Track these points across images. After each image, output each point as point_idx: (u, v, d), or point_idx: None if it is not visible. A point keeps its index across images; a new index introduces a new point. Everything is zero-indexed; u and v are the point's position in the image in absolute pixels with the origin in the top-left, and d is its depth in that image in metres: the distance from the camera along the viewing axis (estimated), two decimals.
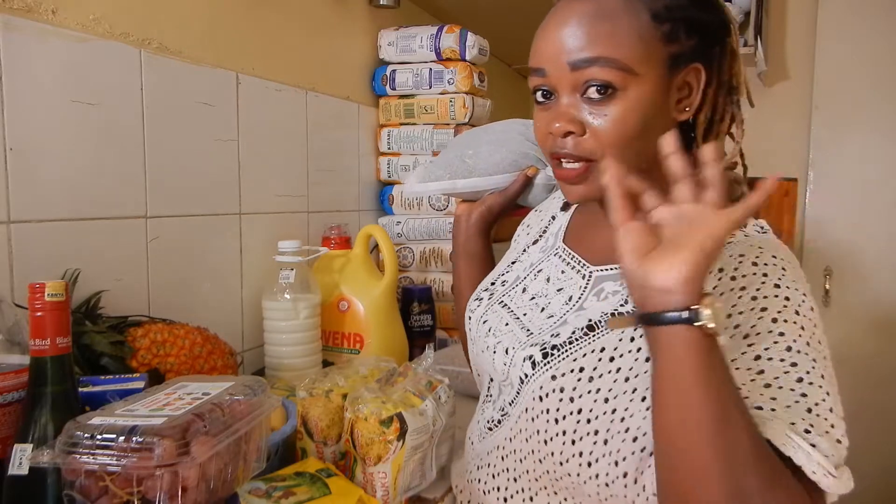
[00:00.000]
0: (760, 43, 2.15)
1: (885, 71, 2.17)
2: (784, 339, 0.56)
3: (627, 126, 0.62)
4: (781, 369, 0.55)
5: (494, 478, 0.75)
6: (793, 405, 0.53)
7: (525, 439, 0.69)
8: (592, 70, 0.61)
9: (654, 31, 0.61)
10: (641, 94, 0.61)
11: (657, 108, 0.63)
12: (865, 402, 2.22)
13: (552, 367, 0.65)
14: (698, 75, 0.64)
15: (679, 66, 0.63)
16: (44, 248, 0.85)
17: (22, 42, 0.82)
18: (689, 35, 0.63)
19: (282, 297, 1.08)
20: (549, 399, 0.64)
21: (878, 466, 2.22)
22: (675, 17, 0.62)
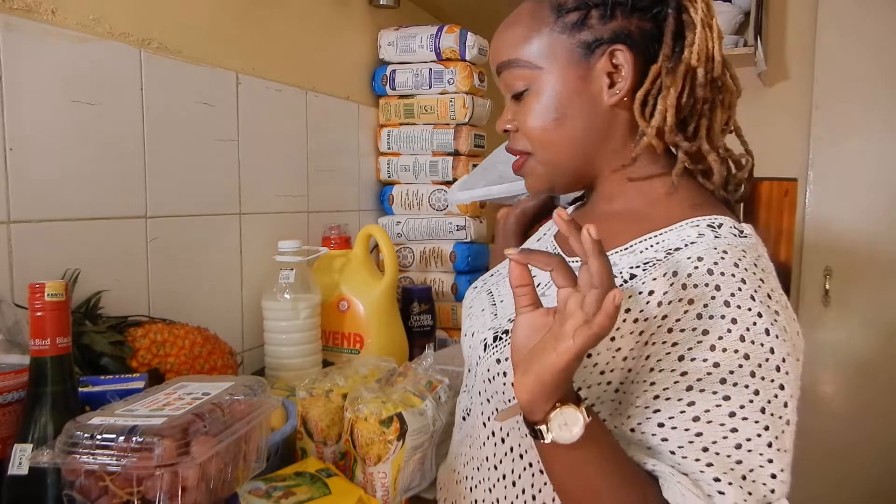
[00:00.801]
0: (760, 43, 2.15)
1: (885, 71, 2.17)
2: (718, 371, 0.53)
3: (541, 117, 0.65)
4: (713, 402, 0.53)
5: (465, 466, 0.74)
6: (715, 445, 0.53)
7: (483, 423, 0.70)
8: (504, 73, 0.68)
9: (556, 25, 0.64)
10: (550, 86, 0.64)
11: (575, 96, 0.64)
12: (865, 403, 2.23)
13: (498, 351, 0.65)
14: (625, 55, 0.63)
15: (593, 50, 0.63)
16: (44, 248, 0.85)
17: (22, 42, 0.82)
18: (606, 19, 0.63)
19: (282, 297, 1.08)
20: (495, 382, 0.65)
21: (879, 466, 2.22)
22: (583, 5, 0.63)
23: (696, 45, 0.63)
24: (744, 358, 0.53)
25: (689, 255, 0.58)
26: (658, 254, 0.60)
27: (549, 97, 0.65)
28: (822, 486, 2.29)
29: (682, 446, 0.54)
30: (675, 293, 0.56)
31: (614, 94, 0.64)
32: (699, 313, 0.55)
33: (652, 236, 0.63)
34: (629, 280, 0.59)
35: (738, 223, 0.63)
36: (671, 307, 0.56)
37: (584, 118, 0.65)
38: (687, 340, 0.55)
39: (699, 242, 0.59)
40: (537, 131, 0.66)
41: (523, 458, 0.66)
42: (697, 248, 0.58)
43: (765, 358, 0.54)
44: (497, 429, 0.67)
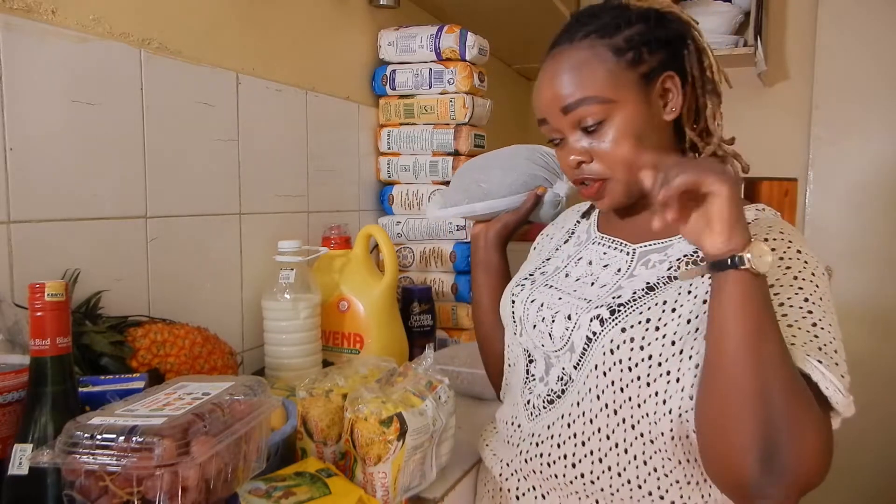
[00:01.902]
0: (760, 43, 2.15)
1: (885, 71, 2.18)
2: (802, 292, 0.67)
3: (623, 144, 0.76)
4: (800, 315, 0.66)
5: (560, 447, 0.79)
6: (808, 343, 0.63)
7: (597, 396, 0.76)
8: (580, 110, 0.77)
9: (619, 63, 0.76)
10: (626, 115, 0.76)
11: (645, 119, 0.77)
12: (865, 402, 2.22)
13: (621, 321, 0.74)
14: (674, 80, 0.78)
15: (652, 79, 0.77)
16: (44, 248, 0.85)
17: (22, 42, 0.82)
18: (652, 52, 0.77)
19: (282, 297, 1.08)
20: (620, 350, 0.73)
21: (878, 465, 2.22)
22: (635, 45, 0.76)
23: (712, 65, 0.80)
24: (816, 287, 0.69)
25: (762, 225, 0.75)
26: None
27: (628, 124, 0.76)
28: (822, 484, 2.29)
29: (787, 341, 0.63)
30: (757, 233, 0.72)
31: (671, 112, 0.79)
32: (780, 256, 0.71)
33: None
34: None
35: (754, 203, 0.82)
36: None
37: (654, 137, 0.78)
38: (775, 274, 0.69)
39: (761, 218, 0.78)
40: (620, 155, 0.77)
41: (634, 429, 0.73)
42: (763, 220, 0.77)
43: (825, 291, 0.69)
44: (611, 401, 0.74)
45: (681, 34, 0.80)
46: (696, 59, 0.80)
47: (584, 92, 0.76)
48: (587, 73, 0.76)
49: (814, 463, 0.58)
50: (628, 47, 0.76)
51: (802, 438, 0.58)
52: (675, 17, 0.81)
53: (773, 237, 0.73)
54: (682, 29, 0.80)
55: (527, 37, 2.08)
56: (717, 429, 0.62)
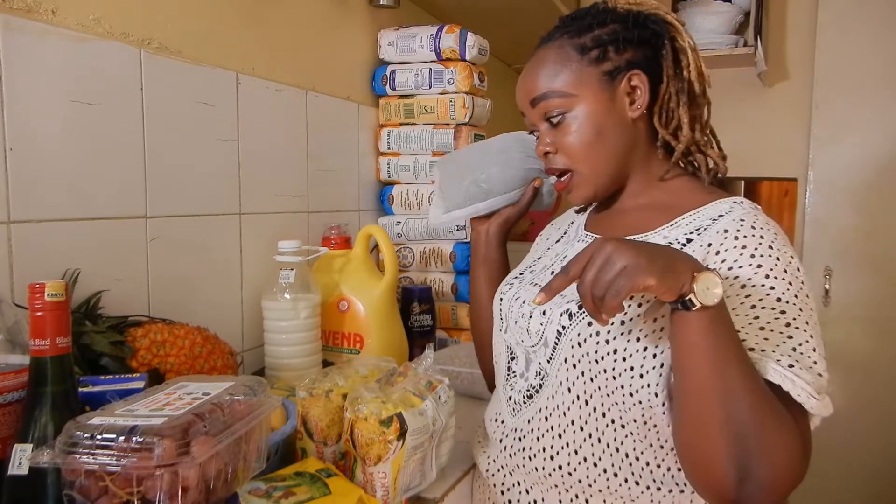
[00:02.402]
0: (760, 43, 2.15)
1: (885, 71, 2.18)
2: (774, 292, 0.68)
3: (583, 136, 0.80)
4: (772, 316, 0.66)
5: (539, 440, 0.81)
6: (781, 345, 0.64)
7: (568, 388, 0.78)
8: (541, 104, 0.82)
9: (582, 60, 0.80)
10: (586, 109, 0.80)
11: (605, 115, 0.80)
12: (865, 402, 2.23)
13: (587, 316, 0.75)
14: (640, 78, 0.80)
15: (616, 77, 0.80)
16: (44, 248, 0.85)
17: (22, 42, 0.82)
18: (620, 51, 0.80)
19: (282, 297, 1.08)
20: (587, 343, 0.75)
21: (878, 465, 2.22)
22: (601, 43, 0.80)
23: (692, 66, 0.81)
24: (789, 284, 0.69)
25: (734, 218, 0.75)
26: (703, 223, 0.77)
27: (587, 118, 0.80)
28: (821, 484, 2.29)
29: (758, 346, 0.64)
30: (730, 243, 0.72)
31: (636, 109, 0.80)
32: (752, 253, 0.71)
33: (689, 215, 0.79)
34: (686, 244, 0.76)
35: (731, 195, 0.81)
36: (728, 253, 0.72)
37: (617, 132, 0.81)
38: (746, 273, 0.69)
39: (735, 210, 0.77)
40: (579, 147, 0.81)
41: (605, 416, 0.76)
42: (736, 213, 0.76)
43: (800, 287, 0.69)
44: (582, 392, 0.77)
45: (658, 35, 0.81)
46: (673, 59, 0.81)
47: (547, 86, 0.81)
48: (551, 69, 0.81)
49: (788, 471, 0.60)
50: (593, 45, 0.80)
51: (774, 453, 0.59)
52: (657, 19, 0.82)
53: (744, 234, 0.73)
54: (661, 30, 0.81)
55: (527, 37, 2.07)
56: (692, 453, 0.64)
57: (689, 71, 0.81)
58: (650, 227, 0.81)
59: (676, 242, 0.76)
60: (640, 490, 0.76)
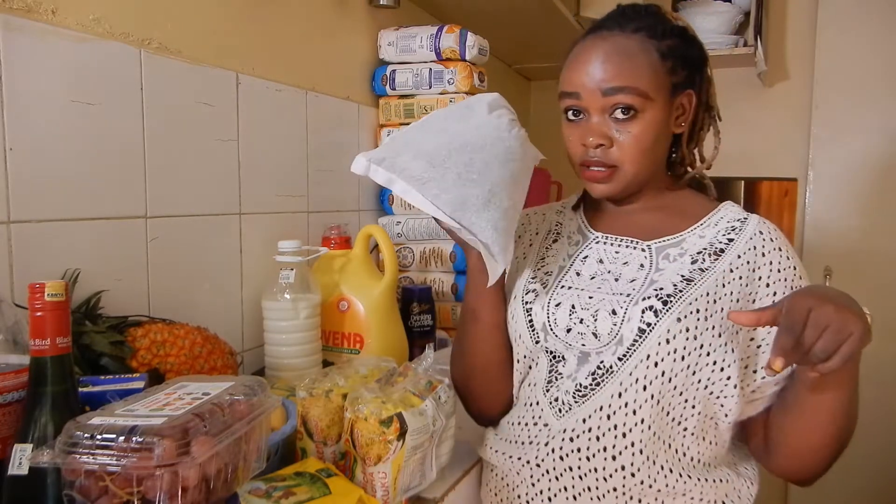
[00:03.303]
0: (760, 43, 2.15)
1: (885, 71, 2.18)
2: None
3: (645, 140, 0.82)
4: None
5: (599, 439, 0.80)
6: None
7: (643, 386, 0.79)
8: (619, 96, 0.80)
9: (662, 66, 0.82)
10: (655, 115, 0.82)
11: (663, 124, 0.83)
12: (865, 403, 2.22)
13: (675, 311, 0.79)
14: (690, 98, 0.86)
15: (677, 92, 0.84)
16: (44, 248, 0.85)
17: (22, 42, 0.82)
18: (682, 68, 0.84)
19: (282, 297, 1.08)
20: (676, 340, 0.78)
21: (878, 465, 2.22)
22: (675, 55, 0.82)
23: (713, 95, 0.90)
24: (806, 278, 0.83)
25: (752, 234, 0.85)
26: (732, 223, 0.87)
27: (654, 123, 0.82)
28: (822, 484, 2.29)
29: None
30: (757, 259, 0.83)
31: (680, 126, 0.86)
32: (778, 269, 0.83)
33: (708, 218, 0.88)
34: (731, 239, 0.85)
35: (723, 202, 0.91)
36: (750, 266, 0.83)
37: (664, 143, 0.86)
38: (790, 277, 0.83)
39: (751, 218, 0.87)
40: (637, 149, 0.82)
41: (669, 415, 0.80)
42: (755, 220, 0.87)
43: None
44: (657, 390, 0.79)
45: (701, 59, 0.87)
46: (707, 86, 0.89)
47: (629, 80, 0.80)
48: (637, 64, 0.80)
49: None
50: (670, 55, 0.82)
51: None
52: (699, 44, 0.88)
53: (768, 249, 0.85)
54: (703, 55, 0.88)
55: (527, 37, 2.08)
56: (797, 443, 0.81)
57: (714, 98, 0.90)
58: (678, 229, 0.87)
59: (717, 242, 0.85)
60: (693, 482, 0.81)
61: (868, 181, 2.22)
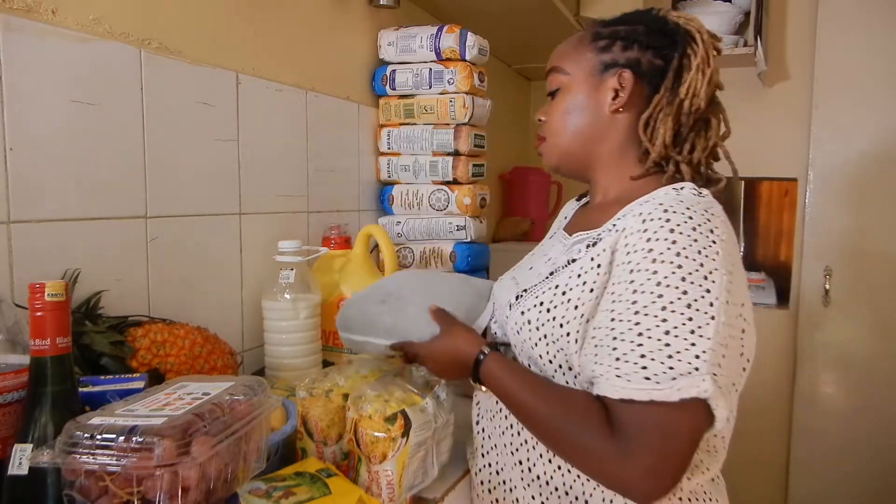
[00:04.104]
0: (760, 43, 2.15)
1: (885, 71, 2.17)
2: (656, 277, 0.68)
3: (562, 113, 0.87)
4: (650, 300, 0.68)
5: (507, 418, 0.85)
6: (648, 331, 0.67)
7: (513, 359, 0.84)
8: (549, 76, 0.90)
9: (589, 45, 0.85)
10: (572, 90, 0.86)
11: (584, 101, 0.85)
12: (865, 403, 2.23)
13: (521, 305, 0.83)
14: (626, 78, 0.82)
15: (608, 70, 0.83)
16: (44, 248, 0.85)
17: (22, 42, 0.82)
18: (626, 49, 0.83)
19: (282, 297, 1.08)
20: (522, 331, 0.82)
21: (879, 465, 2.22)
22: (614, 37, 0.84)
23: (687, 84, 0.81)
24: (677, 267, 0.68)
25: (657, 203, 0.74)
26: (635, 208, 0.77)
27: (569, 98, 0.86)
28: (822, 484, 2.29)
29: (623, 335, 0.68)
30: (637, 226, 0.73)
31: (612, 105, 0.84)
32: (648, 237, 0.71)
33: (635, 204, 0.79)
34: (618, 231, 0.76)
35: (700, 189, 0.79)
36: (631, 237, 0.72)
37: (587, 116, 0.86)
38: (637, 260, 0.70)
39: (667, 195, 0.77)
40: (555, 120, 0.88)
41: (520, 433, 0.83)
42: (663, 198, 0.75)
43: (695, 268, 0.68)
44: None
45: (675, 46, 0.82)
46: (675, 74, 0.81)
47: (554, 62, 0.89)
48: (565, 48, 0.89)
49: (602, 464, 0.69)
50: (606, 36, 0.85)
51: (582, 451, 0.71)
52: (682, 32, 0.83)
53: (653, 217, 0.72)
54: (679, 44, 0.82)
55: (527, 37, 2.08)
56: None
57: (687, 88, 0.80)
58: (602, 224, 0.81)
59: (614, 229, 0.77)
60: None
61: (868, 181, 2.22)
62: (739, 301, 0.73)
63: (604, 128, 0.85)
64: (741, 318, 0.73)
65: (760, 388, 2.38)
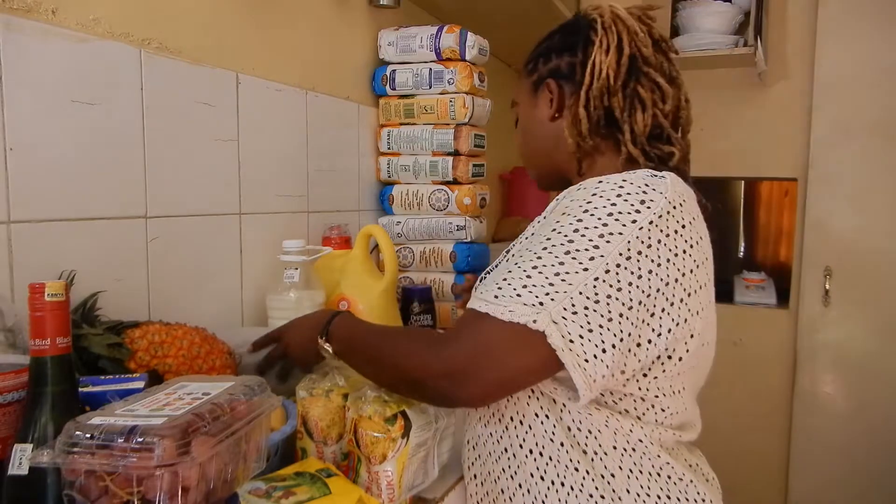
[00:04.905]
0: (760, 43, 2.15)
1: (885, 71, 2.17)
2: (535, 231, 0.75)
3: (522, 136, 0.96)
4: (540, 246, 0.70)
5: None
6: (493, 274, 0.73)
7: None
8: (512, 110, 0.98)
9: (523, 74, 0.94)
10: (522, 115, 0.95)
11: (531, 120, 0.92)
12: (865, 403, 2.23)
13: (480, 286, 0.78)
14: (549, 86, 0.88)
15: (539, 86, 0.90)
16: (44, 248, 0.85)
17: (22, 42, 0.82)
18: (546, 62, 0.89)
19: (286, 297, 1.08)
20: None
21: (879, 466, 2.22)
22: (535, 57, 0.92)
23: (589, 67, 0.82)
24: (577, 221, 0.70)
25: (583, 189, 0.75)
26: None
27: (522, 123, 0.95)
28: (822, 484, 2.29)
29: (502, 267, 0.73)
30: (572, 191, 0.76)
31: (549, 113, 0.89)
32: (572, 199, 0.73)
33: None
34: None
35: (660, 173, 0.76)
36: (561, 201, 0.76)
37: (537, 132, 0.92)
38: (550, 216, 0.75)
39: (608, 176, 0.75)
40: (522, 145, 0.96)
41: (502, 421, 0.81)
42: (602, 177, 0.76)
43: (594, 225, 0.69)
44: None
45: (576, 41, 0.85)
46: (581, 63, 0.84)
47: (512, 98, 0.98)
48: (518, 82, 0.96)
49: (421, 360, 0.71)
50: (531, 59, 0.93)
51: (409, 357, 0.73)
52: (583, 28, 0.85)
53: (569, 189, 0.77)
54: (582, 36, 0.84)
55: (527, 37, 2.07)
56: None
57: (589, 70, 0.82)
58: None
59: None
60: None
61: (868, 181, 2.22)
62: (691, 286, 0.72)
63: (553, 137, 0.89)
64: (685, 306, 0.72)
65: (760, 387, 2.38)
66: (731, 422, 2.35)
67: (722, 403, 2.32)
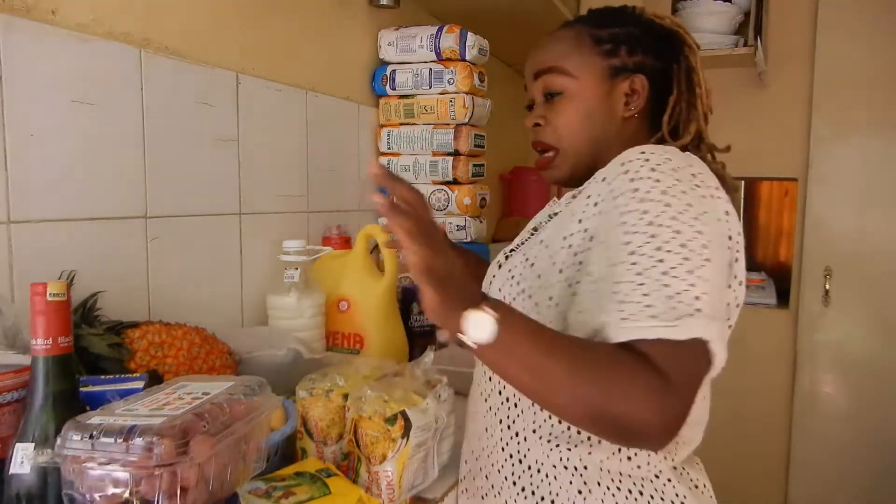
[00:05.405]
0: (760, 43, 2.15)
1: (885, 71, 2.18)
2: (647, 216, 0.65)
3: (572, 118, 0.84)
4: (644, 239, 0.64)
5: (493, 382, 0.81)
6: (646, 271, 0.63)
7: None
8: (545, 77, 0.85)
9: (593, 48, 0.83)
10: (583, 94, 0.83)
11: (597, 106, 0.83)
12: (866, 402, 2.23)
13: (509, 263, 0.80)
14: (642, 83, 0.83)
15: (620, 75, 0.83)
16: (44, 248, 0.85)
17: (22, 42, 0.82)
18: (632, 53, 0.83)
19: (287, 297, 1.08)
20: (503, 289, 0.78)
21: (878, 465, 2.22)
22: (616, 40, 0.83)
23: (703, 85, 0.84)
24: (666, 206, 0.65)
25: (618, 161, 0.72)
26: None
27: (580, 103, 0.83)
28: (822, 484, 2.29)
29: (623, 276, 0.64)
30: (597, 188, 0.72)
31: (629, 110, 0.83)
32: (632, 178, 0.68)
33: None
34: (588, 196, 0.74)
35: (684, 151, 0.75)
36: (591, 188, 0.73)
37: (602, 123, 0.84)
38: (625, 202, 0.67)
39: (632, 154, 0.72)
40: (567, 127, 0.84)
41: (501, 394, 0.78)
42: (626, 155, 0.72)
43: (683, 208, 0.65)
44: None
45: (674, 49, 0.85)
46: (686, 75, 0.84)
47: (553, 62, 0.84)
48: (562, 47, 0.85)
49: (649, 411, 0.58)
50: (608, 40, 0.83)
51: (628, 402, 0.58)
52: (674, 34, 0.85)
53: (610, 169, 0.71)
54: (677, 45, 0.85)
55: (527, 37, 2.07)
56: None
57: (702, 89, 0.84)
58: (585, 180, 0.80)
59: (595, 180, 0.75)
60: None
61: (868, 181, 2.22)
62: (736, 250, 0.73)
63: (615, 133, 0.84)
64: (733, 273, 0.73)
65: (760, 388, 2.38)
66: (731, 421, 2.35)
67: (722, 403, 2.32)
